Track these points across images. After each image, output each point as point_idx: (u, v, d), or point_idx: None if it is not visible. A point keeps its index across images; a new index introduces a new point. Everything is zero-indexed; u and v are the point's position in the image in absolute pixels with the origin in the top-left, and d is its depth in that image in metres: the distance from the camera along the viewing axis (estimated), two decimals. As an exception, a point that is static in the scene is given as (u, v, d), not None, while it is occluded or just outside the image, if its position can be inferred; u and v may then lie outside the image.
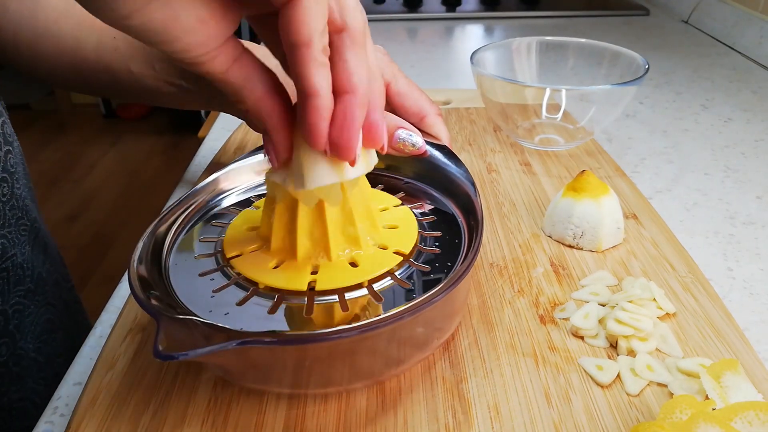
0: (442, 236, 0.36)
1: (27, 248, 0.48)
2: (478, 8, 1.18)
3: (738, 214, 0.51)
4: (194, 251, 0.35)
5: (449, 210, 0.39)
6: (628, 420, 0.30)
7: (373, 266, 0.33)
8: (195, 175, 0.57)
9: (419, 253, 0.35)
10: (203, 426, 0.30)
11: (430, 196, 0.40)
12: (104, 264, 1.89)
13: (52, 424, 0.33)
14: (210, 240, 0.36)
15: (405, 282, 0.33)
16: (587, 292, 0.38)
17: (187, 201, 0.38)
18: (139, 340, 0.35)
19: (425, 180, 0.41)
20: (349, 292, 0.32)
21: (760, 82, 0.80)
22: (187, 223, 0.38)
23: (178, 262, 0.34)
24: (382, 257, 0.34)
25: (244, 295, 0.32)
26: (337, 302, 0.31)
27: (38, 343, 0.50)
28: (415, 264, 0.34)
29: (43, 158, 2.54)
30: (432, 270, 0.34)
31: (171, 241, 0.36)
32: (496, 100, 0.58)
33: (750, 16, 0.93)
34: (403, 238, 0.35)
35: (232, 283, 0.32)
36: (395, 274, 0.33)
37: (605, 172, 0.54)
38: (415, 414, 0.31)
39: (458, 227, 0.37)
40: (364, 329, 0.27)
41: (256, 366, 0.30)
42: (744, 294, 0.41)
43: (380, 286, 0.32)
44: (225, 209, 0.40)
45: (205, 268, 0.34)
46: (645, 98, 0.75)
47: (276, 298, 0.31)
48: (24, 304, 0.48)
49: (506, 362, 0.34)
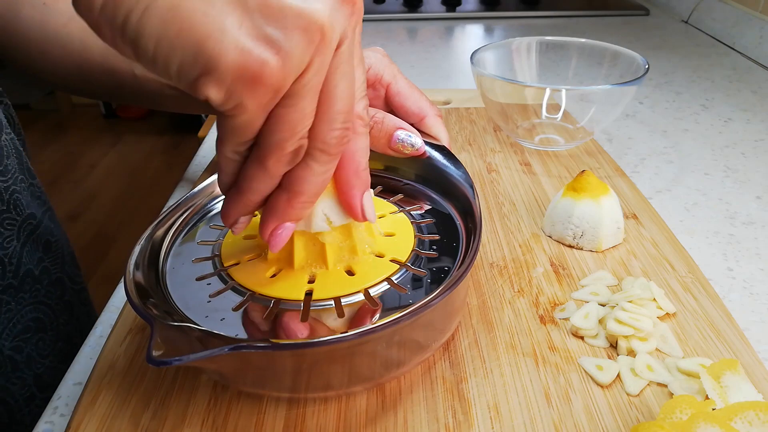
0: (440, 239, 0.36)
1: (14, 243, 0.48)
2: (478, 8, 1.18)
3: (738, 214, 0.51)
4: (192, 255, 0.35)
5: (448, 212, 0.39)
6: (628, 420, 0.30)
7: (369, 274, 0.33)
8: (195, 175, 0.57)
9: (416, 257, 0.35)
10: (203, 426, 0.30)
11: (429, 198, 0.40)
12: (104, 264, 1.89)
13: (52, 424, 0.33)
14: (208, 243, 0.36)
15: (402, 287, 0.33)
16: (587, 292, 0.38)
17: (186, 203, 0.38)
18: (139, 340, 0.35)
19: (424, 181, 0.41)
20: (345, 298, 0.32)
21: (760, 82, 0.80)
22: (185, 225, 0.38)
23: (175, 266, 0.34)
24: (379, 265, 0.34)
25: (240, 300, 0.32)
26: (333, 308, 0.31)
27: (17, 341, 0.49)
28: (412, 269, 0.34)
29: (43, 158, 2.54)
30: (429, 274, 0.33)
31: (168, 244, 0.36)
32: (496, 100, 0.58)
33: (750, 16, 0.93)
34: (400, 245, 0.35)
35: (228, 288, 0.32)
36: (392, 279, 0.33)
37: (605, 172, 0.54)
38: (415, 414, 0.31)
39: (456, 230, 0.37)
40: (359, 335, 0.27)
41: (253, 371, 0.30)
42: (744, 294, 0.41)
43: (376, 291, 0.32)
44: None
45: (203, 273, 0.34)
46: (645, 98, 0.75)
47: (272, 304, 0.31)
48: (4, 300, 0.47)
49: (506, 362, 0.34)
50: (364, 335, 0.27)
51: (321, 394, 0.31)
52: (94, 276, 1.83)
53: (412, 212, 0.39)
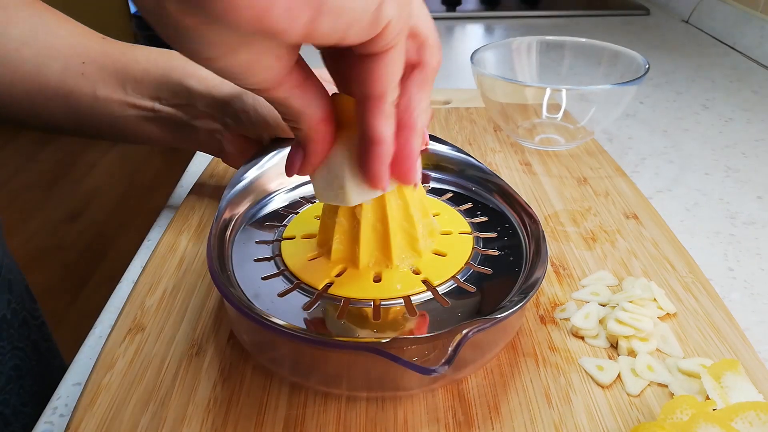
0: (496, 237, 0.37)
1: None
2: (478, 8, 1.18)
3: (738, 213, 0.51)
4: (252, 255, 0.36)
5: (498, 208, 0.40)
6: (628, 420, 0.30)
7: (457, 249, 0.35)
8: (195, 175, 0.57)
9: (476, 255, 0.36)
10: (203, 426, 0.30)
11: (478, 195, 0.41)
12: (104, 264, 1.89)
13: (51, 424, 0.33)
14: (266, 242, 0.37)
15: (469, 286, 0.33)
16: (587, 292, 0.38)
17: (236, 204, 0.39)
18: (139, 340, 0.35)
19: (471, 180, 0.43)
20: (414, 297, 0.32)
21: (760, 82, 0.80)
22: (239, 226, 0.39)
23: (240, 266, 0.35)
24: (442, 263, 0.34)
25: (308, 300, 0.32)
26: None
27: (4, 395, 0.47)
28: (476, 267, 0.35)
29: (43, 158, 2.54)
30: (494, 273, 0.34)
31: (230, 245, 0.36)
32: (496, 99, 0.58)
33: (750, 16, 0.93)
34: (459, 243, 0.36)
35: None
36: (457, 277, 0.34)
37: (605, 172, 0.54)
38: (415, 414, 0.31)
39: (512, 225, 0.38)
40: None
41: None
42: (744, 294, 0.41)
43: (444, 290, 0.33)
44: (275, 212, 0.40)
45: (275, 282, 0.34)
46: (645, 98, 0.75)
47: (342, 302, 0.32)
48: None
49: (506, 362, 0.33)
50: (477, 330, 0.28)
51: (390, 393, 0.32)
52: (94, 276, 1.83)
53: (459, 210, 0.40)
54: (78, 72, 0.43)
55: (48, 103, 0.44)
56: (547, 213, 0.48)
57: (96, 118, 0.44)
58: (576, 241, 0.44)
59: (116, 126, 0.45)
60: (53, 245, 1.96)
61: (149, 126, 0.45)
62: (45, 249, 1.93)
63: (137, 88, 0.43)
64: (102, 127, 0.45)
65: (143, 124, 0.44)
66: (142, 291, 0.39)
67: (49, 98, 0.43)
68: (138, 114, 0.44)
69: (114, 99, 0.43)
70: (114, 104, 0.43)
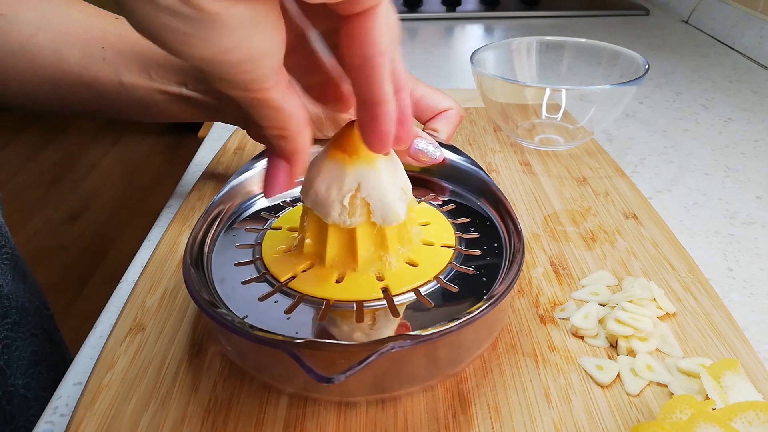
0: (480, 256, 0.36)
1: (9, 278, 0.47)
2: (478, 8, 1.18)
3: (738, 213, 0.51)
4: (233, 260, 0.35)
5: (495, 227, 0.39)
6: (628, 420, 0.30)
7: (431, 262, 0.34)
8: (195, 175, 0.57)
9: (449, 270, 0.35)
10: (203, 426, 0.30)
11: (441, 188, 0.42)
12: (104, 264, 1.89)
13: (52, 424, 0.33)
14: (246, 246, 0.36)
15: (427, 300, 0.33)
16: (587, 292, 0.38)
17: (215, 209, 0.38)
18: (139, 340, 0.35)
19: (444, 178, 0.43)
20: (367, 303, 0.32)
21: (760, 82, 0.80)
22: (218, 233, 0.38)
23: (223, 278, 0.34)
24: (410, 274, 0.34)
25: (315, 311, 0.32)
26: (415, 300, 0.33)
27: (26, 378, 0.48)
28: (443, 282, 0.34)
29: (43, 158, 2.54)
30: (460, 291, 0.33)
31: (208, 255, 0.36)
32: (496, 100, 0.58)
33: (750, 16, 0.93)
34: (440, 231, 0.37)
35: (300, 302, 0.32)
36: (419, 290, 0.33)
37: (605, 172, 0.54)
38: (415, 414, 0.31)
39: (500, 246, 0.37)
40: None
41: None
42: (744, 294, 0.41)
43: (401, 300, 0.32)
44: (277, 205, 0.40)
45: (263, 292, 0.33)
46: (645, 98, 0.75)
47: (296, 298, 0.32)
48: (11, 338, 0.46)
49: (506, 362, 0.34)
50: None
51: (406, 390, 0.32)
52: (94, 276, 1.83)
53: (431, 202, 0.40)
54: (99, 58, 0.42)
55: (73, 89, 0.43)
56: (547, 213, 0.48)
57: (123, 103, 0.44)
58: (576, 241, 0.44)
59: (146, 109, 0.44)
60: (53, 245, 1.96)
61: (179, 106, 0.44)
62: (45, 249, 1.93)
63: (161, 73, 0.42)
64: (132, 109, 0.44)
65: (173, 106, 0.44)
66: (143, 291, 0.39)
67: (72, 84, 0.43)
68: (166, 98, 0.43)
69: (140, 85, 0.42)
70: (141, 90, 0.43)
